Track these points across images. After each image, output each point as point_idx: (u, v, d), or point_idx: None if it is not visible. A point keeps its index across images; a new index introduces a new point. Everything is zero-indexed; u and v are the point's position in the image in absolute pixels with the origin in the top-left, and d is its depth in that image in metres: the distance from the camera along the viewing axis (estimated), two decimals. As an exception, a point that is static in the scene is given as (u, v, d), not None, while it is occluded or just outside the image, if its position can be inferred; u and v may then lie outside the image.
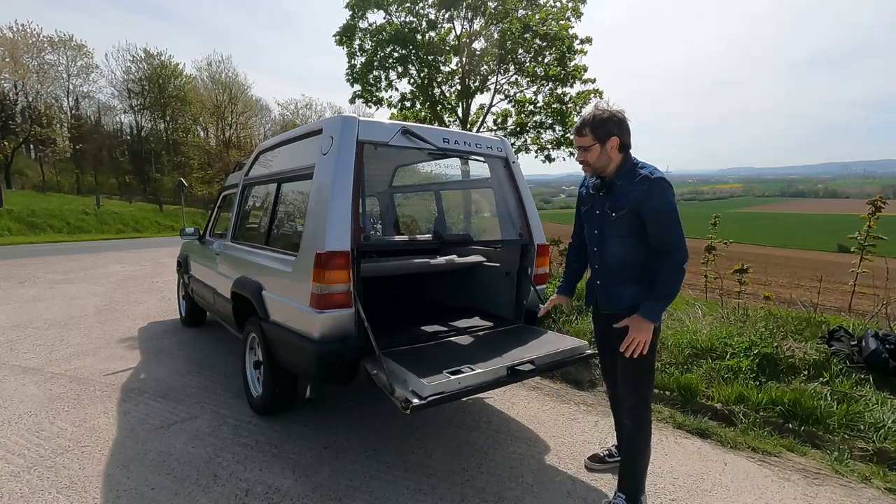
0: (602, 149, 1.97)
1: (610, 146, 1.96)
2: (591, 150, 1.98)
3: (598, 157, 1.99)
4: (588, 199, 2.17)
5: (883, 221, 4.25)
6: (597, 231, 2.11)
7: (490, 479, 2.38)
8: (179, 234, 5.07)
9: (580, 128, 2.00)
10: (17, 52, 29.34)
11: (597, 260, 2.14)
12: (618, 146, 1.96)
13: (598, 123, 1.95)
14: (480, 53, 14.65)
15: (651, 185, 1.89)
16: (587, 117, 1.99)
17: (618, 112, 1.97)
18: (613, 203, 1.99)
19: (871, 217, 4.17)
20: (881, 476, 2.43)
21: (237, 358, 3.93)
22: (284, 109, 43.66)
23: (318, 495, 2.22)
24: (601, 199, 2.05)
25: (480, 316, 3.28)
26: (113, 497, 2.19)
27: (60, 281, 8.25)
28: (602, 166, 2.01)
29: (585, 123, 1.98)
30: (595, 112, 1.98)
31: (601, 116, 1.96)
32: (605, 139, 1.95)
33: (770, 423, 2.90)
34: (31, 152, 37.79)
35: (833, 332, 3.61)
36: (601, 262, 2.11)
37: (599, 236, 2.09)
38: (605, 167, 2.01)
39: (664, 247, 1.90)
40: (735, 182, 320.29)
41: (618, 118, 1.96)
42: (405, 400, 1.97)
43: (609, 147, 1.96)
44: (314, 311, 2.36)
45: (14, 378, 3.67)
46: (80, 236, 19.73)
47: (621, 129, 1.96)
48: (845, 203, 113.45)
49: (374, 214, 5.08)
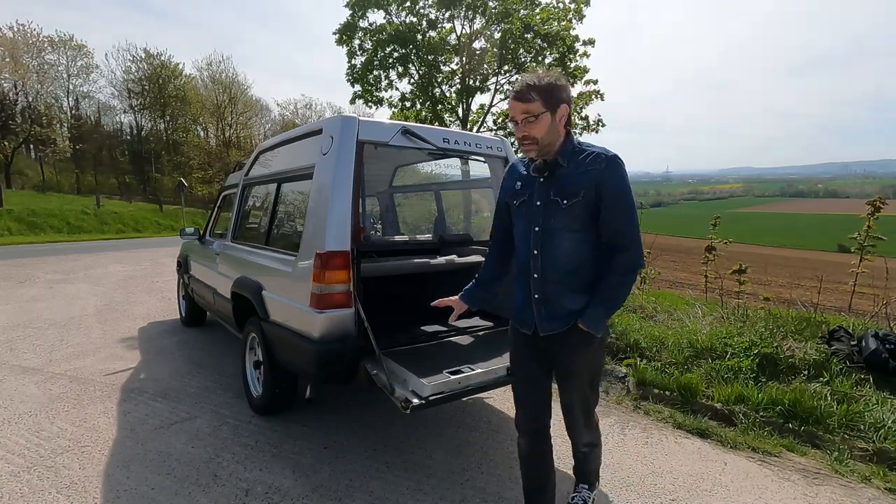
0: (553, 119, 1.57)
1: (559, 117, 1.58)
2: (539, 120, 1.55)
3: (548, 130, 1.57)
4: (524, 190, 1.71)
5: (883, 221, 4.25)
6: (538, 228, 1.64)
7: (490, 479, 2.38)
8: (179, 234, 5.07)
9: (524, 91, 1.55)
10: (17, 52, 29.34)
11: (536, 266, 1.65)
12: (564, 119, 1.60)
13: (549, 86, 1.55)
14: (481, 53, 14.66)
15: (609, 162, 1.56)
16: (533, 79, 1.56)
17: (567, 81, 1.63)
18: (563, 188, 1.59)
19: (870, 217, 4.18)
20: (881, 476, 2.43)
21: (237, 358, 3.93)
22: (284, 109, 43.75)
23: (318, 495, 2.22)
24: (543, 186, 1.64)
25: (480, 316, 3.28)
26: (113, 497, 2.19)
27: (60, 281, 8.25)
28: (550, 142, 1.60)
29: (532, 86, 1.54)
30: (545, 75, 1.58)
31: (550, 79, 1.56)
32: (557, 107, 1.56)
33: (770, 423, 2.90)
34: (31, 152, 37.78)
35: (833, 332, 3.61)
36: (543, 268, 1.64)
37: (542, 234, 1.64)
38: (552, 144, 1.61)
39: (619, 241, 1.57)
40: (735, 182, 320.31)
41: (567, 86, 1.60)
42: (405, 400, 1.97)
43: (559, 118, 1.58)
44: (314, 311, 2.36)
45: (14, 378, 3.67)
46: (80, 236, 19.72)
47: (569, 99, 1.61)
48: (845, 203, 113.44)
49: (374, 214, 5.08)
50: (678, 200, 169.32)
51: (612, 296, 1.61)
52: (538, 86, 1.55)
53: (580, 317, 1.61)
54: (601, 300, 1.59)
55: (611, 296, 1.60)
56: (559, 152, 1.62)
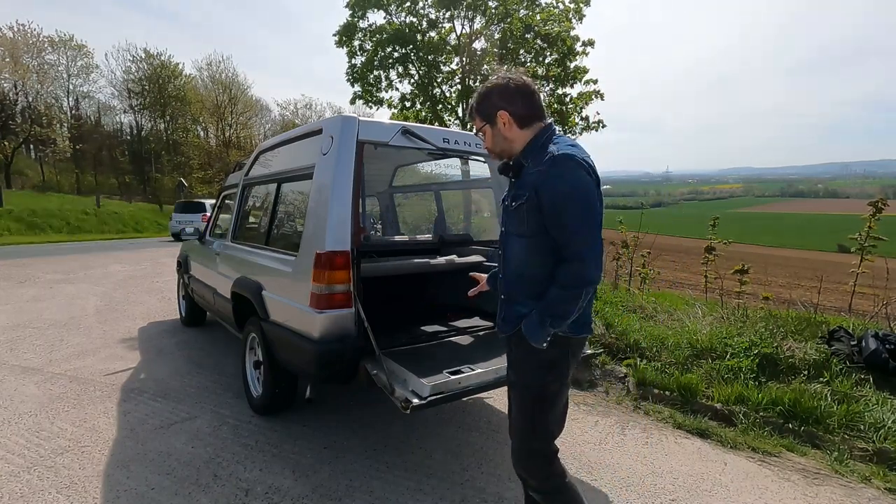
0: (493, 129, 1.56)
1: (501, 123, 1.54)
2: (485, 134, 1.60)
3: (493, 140, 1.59)
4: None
5: (883, 222, 4.25)
6: (503, 228, 1.64)
7: (490, 479, 2.38)
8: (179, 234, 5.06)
9: (469, 111, 1.63)
10: (17, 52, 29.35)
11: (501, 267, 1.66)
12: (512, 121, 1.53)
13: (480, 99, 1.58)
14: (481, 53, 14.65)
15: (553, 162, 1.40)
16: (474, 96, 1.61)
17: (509, 79, 1.53)
18: (517, 190, 1.53)
19: (871, 218, 4.18)
20: (881, 476, 2.43)
21: (237, 358, 3.93)
22: (284, 109, 43.77)
23: (318, 495, 2.22)
24: (511, 187, 1.59)
25: (480, 316, 3.28)
26: (113, 497, 2.19)
27: (60, 281, 8.25)
28: (502, 150, 1.59)
29: (472, 105, 1.61)
30: (483, 86, 1.58)
31: (483, 90, 1.56)
32: (493, 116, 1.55)
33: (770, 423, 2.90)
34: (31, 152, 37.80)
35: (833, 332, 3.61)
36: (503, 270, 1.63)
37: (503, 236, 1.63)
38: (507, 150, 1.58)
39: (562, 252, 1.42)
40: (735, 182, 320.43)
41: (503, 87, 1.53)
42: (405, 400, 1.97)
43: (501, 125, 1.54)
44: (314, 311, 2.36)
45: (14, 378, 3.67)
46: (80, 236, 19.72)
47: (511, 100, 1.52)
48: (845, 203, 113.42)
49: (374, 214, 5.08)
50: (678, 200, 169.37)
51: (550, 307, 1.43)
52: (473, 103, 1.59)
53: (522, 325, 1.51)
54: (540, 308, 1.45)
55: (550, 307, 1.43)
56: (522, 152, 1.55)
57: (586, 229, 1.38)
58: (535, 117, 1.54)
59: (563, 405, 1.60)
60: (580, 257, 1.38)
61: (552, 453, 1.58)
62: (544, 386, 1.53)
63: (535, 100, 1.54)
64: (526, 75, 1.56)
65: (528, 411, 1.55)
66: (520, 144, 1.55)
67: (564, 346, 1.51)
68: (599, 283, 1.45)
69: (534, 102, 1.54)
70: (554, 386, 1.53)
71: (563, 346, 1.51)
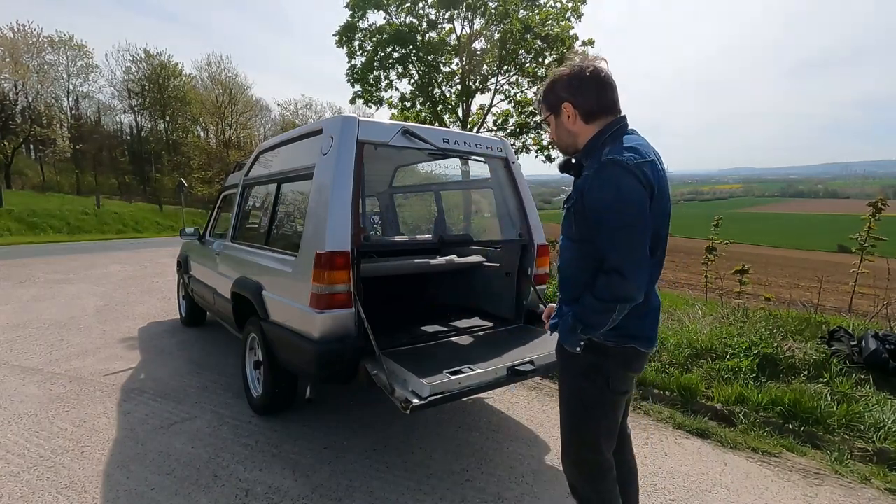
0: (557, 121, 1.48)
1: (566, 116, 1.45)
2: (551, 125, 1.52)
3: (559, 132, 1.50)
4: None
5: (883, 222, 4.25)
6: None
7: (490, 479, 2.38)
8: (179, 234, 5.07)
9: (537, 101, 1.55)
10: (17, 52, 29.33)
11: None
12: (577, 115, 1.43)
13: (548, 87, 1.49)
14: (481, 54, 14.65)
15: (600, 167, 1.32)
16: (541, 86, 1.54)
17: (581, 67, 1.41)
18: (571, 191, 1.47)
19: (871, 218, 4.18)
20: (881, 476, 2.43)
21: (237, 358, 3.93)
22: (284, 109, 43.73)
23: (318, 495, 2.22)
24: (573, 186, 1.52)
25: (480, 316, 3.28)
26: (113, 497, 2.19)
27: (60, 281, 8.25)
28: (566, 144, 1.51)
29: (539, 95, 1.54)
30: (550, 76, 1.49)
31: (553, 76, 1.47)
32: (558, 108, 1.46)
33: (770, 424, 2.90)
34: (31, 152, 37.77)
35: (833, 332, 3.61)
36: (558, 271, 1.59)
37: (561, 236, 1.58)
38: (571, 145, 1.50)
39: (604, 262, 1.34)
40: (735, 182, 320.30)
41: (572, 75, 1.42)
42: (405, 400, 1.97)
43: (565, 118, 1.45)
44: (314, 311, 2.36)
45: (14, 378, 3.67)
46: (80, 236, 19.70)
47: (578, 91, 1.41)
48: (845, 203, 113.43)
49: (374, 214, 5.08)
50: (678, 200, 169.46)
51: (583, 314, 1.38)
52: (540, 93, 1.52)
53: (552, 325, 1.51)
54: (574, 313, 1.41)
55: (582, 314, 1.39)
56: (583, 150, 1.46)
57: (627, 243, 1.29)
58: (603, 111, 1.42)
59: (613, 417, 1.53)
60: (619, 271, 1.29)
61: (604, 466, 1.54)
62: (582, 391, 1.50)
63: (607, 92, 1.41)
64: (603, 62, 1.41)
65: (571, 417, 1.54)
66: (584, 139, 1.45)
67: (601, 354, 1.45)
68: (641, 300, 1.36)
69: (604, 95, 1.41)
70: (593, 392, 1.48)
71: (601, 354, 1.45)
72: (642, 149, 1.35)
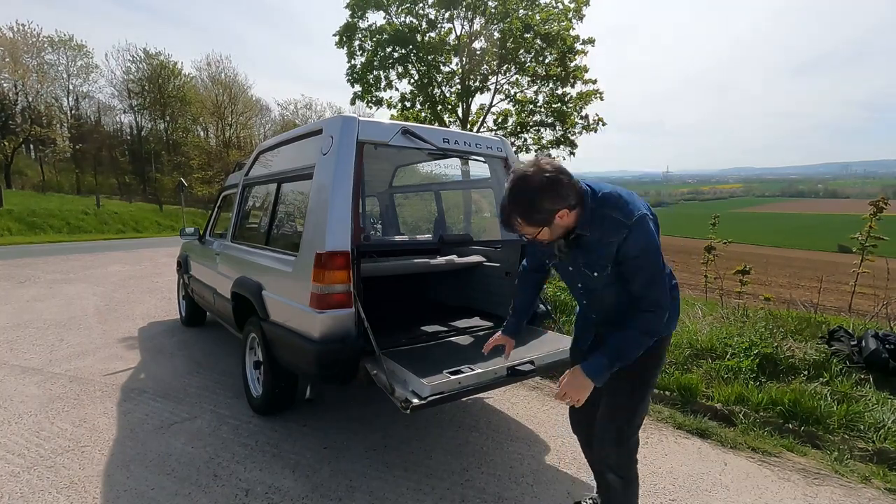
0: (551, 227, 1.47)
1: (560, 218, 1.45)
2: (541, 234, 1.50)
3: (553, 234, 1.51)
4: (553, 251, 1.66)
5: (884, 222, 4.25)
6: (580, 285, 1.68)
7: (490, 479, 2.38)
8: (179, 234, 5.07)
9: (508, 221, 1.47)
10: (17, 52, 29.35)
11: (591, 310, 1.76)
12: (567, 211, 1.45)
13: (529, 209, 1.42)
14: (481, 53, 14.65)
15: (631, 231, 1.44)
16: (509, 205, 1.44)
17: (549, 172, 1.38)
18: (590, 262, 1.56)
19: (872, 217, 4.18)
20: (881, 476, 2.43)
21: (237, 358, 3.93)
22: (284, 109, 43.80)
23: (318, 495, 2.22)
24: (572, 254, 1.60)
25: (480, 316, 3.28)
26: (113, 497, 2.19)
27: (60, 281, 8.25)
28: (563, 233, 1.54)
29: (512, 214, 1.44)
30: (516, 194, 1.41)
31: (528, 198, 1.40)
32: (551, 219, 1.45)
33: (770, 423, 2.90)
34: (31, 152, 37.80)
35: (833, 332, 3.61)
36: (598, 312, 1.73)
37: (584, 290, 1.68)
38: (565, 231, 1.54)
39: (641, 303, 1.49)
40: (735, 182, 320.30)
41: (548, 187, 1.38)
42: (405, 400, 1.97)
43: (558, 220, 1.45)
44: (314, 311, 2.36)
45: (14, 378, 3.67)
46: (80, 236, 19.71)
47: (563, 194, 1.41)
48: (845, 203, 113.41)
49: (374, 214, 5.08)
50: (678, 200, 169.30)
51: (622, 347, 1.50)
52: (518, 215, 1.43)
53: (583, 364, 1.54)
54: (609, 350, 1.51)
55: (621, 347, 1.50)
56: (578, 227, 1.51)
57: (661, 282, 1.49)
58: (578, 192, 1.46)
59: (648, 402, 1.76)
60: (660, 306, 1.49)
61: (637, 444, 1.74)
62: (652, 375, 1.71)
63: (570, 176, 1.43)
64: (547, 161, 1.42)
65: (638, 403, 1.68)
66: (575, 220, 1.51)
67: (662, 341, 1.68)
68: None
69: (572, 180, 1.43)
70: (655, 374, 1.73)
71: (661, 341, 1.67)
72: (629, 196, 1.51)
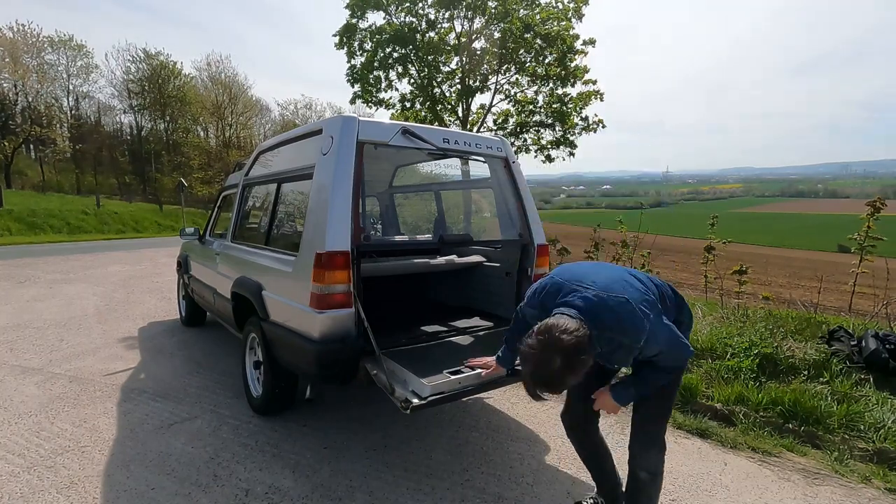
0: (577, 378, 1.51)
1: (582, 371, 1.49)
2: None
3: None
4: None
5: (883, 222, 4.25)
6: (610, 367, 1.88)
7: (490, 479, 2.38)
8: (179, 234, 5.07)
9: (537, 395, 1.53)
10: (17, 52, 29.32)
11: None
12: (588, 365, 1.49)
13: (563, 377, 1.45)
14: (481, 53, 14.66)
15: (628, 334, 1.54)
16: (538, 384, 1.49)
17: (569, 340, 1.42)
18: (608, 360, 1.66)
19: (869, 218, 4.18)
20: (881, 476, 2.43)
21: (237, 358, 3.93)
22: (284, 109, 43.81)
23: (318, 495, 2.22)
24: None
25: (480, 316, 3.28)
26: (113, 497, 2.19)
27: (60, 281, 8.25)
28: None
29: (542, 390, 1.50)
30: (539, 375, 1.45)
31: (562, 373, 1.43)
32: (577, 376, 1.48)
33: (770, 423, 2.90)
34: (31, 152, 37.77)
35: (833, 332, 3.61)
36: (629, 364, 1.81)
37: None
38: None
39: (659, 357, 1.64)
40: (735, 182, 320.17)
41: (574, 354, 1.42)
42: (405, 400, 1.97)
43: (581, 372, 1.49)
44: (314, 311, 2.36)
45: (14, 378, 3.67)
46: (80, 236, 19.71)
47: (587, 353, 1.46)
48: (845, 203, 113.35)
49: (374, 214, 5.08)
50: (678, 200, 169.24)
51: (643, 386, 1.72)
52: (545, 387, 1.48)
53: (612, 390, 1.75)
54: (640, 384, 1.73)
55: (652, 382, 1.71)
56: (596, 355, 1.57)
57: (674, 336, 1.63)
58: (586, 342, 1.47)
59: None
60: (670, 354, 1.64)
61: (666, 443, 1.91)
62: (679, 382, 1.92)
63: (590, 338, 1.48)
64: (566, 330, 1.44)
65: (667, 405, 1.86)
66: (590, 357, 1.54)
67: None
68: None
69: (591, 342, 1.49)
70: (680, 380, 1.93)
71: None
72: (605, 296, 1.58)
